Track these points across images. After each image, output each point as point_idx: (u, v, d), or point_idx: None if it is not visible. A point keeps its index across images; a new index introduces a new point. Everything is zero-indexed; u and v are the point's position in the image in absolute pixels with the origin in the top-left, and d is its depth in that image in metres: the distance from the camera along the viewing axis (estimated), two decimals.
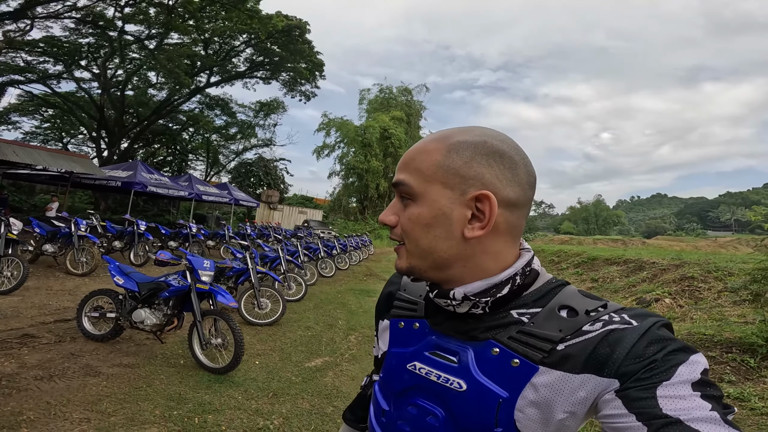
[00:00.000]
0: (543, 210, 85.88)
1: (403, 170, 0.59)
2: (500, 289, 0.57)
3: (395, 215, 0.60)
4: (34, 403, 2.70)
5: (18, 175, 14.98)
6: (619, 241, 34.01)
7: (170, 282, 3.66)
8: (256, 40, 20.32)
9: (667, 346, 0.47)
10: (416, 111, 35.13)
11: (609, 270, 9.66)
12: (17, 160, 10.17)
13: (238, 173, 30.15)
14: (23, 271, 5.35)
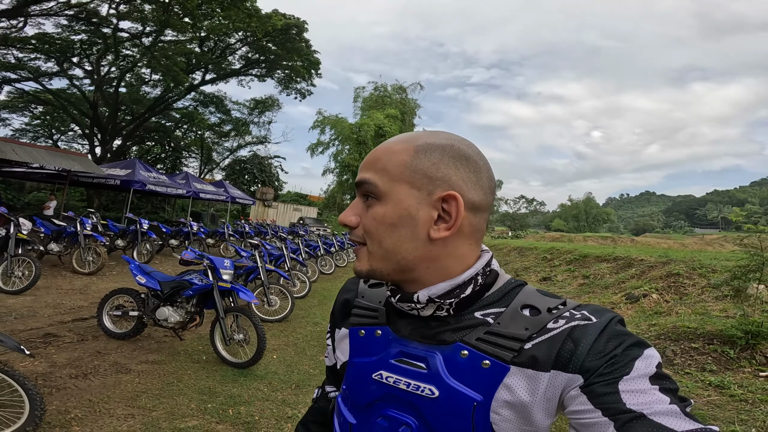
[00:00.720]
0: (534, 207, 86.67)
1: (368, 169, 0.58)
2: (464, 290, 0.57)
3: (356, 215, 0.59)
4: (77, 401, 2.86)
5: (13, 173, 14.84)
6: (609, 239, 34.61)
7: (193, 281, 3.85)
8: (253, 38, 20.30)
9: (624, 341, 0.49)
10: (411, 109, 35.35)
11: (600, 267, 10.00)
12: (17, 158, 10.14)
13: (232, 170, 30.08)
14: (35, 270, 5.46)
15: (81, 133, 25.53)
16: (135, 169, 12.63)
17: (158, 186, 13.20)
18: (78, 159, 11.94)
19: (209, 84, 24.38)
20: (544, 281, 10.75)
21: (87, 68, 20.94)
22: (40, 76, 20.20)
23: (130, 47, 20.35)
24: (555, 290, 9.36)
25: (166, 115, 25.89)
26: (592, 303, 0.56)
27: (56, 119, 25.38)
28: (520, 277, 11.84)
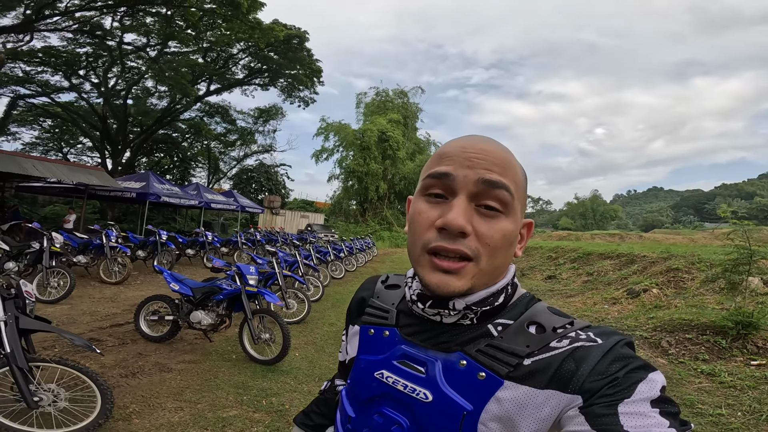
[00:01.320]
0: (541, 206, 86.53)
1: (501, 174, 0.55)
2: (497, 298, 0.58)
3: (470, 224, 0.54)
4: (132, 397, 3.21)
5: (31, 188, 15.38)
6: (617, 236, 34.46)
7: (222, 286, 4.21)
8: (255, 49, 20.82)
9: (629, 364, 0.49)
10: (413, 113, 35.74)
11: (603, 264, 10.23)
12: (37, 173, 10.61)
13: (239, 180, 30.60)
14: (70, 281, 5.85)
15: (90, 146, 26.12)
16: (149, 182, 13.10)
17: (172, 197, 13.66)
18: (95, 173, 12.43)
19: (214, 94, 24.96)
20: (548, 279, 10.99)
21: (94, 81, 21.53)
22: (51, 90, 20.78)
23: (135, 59, 20.90)
24: (559, 288, 9.61)
25: (173, 127, 26.46)
26: (603, 325, 0.58)
27: (66, 132, 25.91)
28: (525, 276, 12.10)
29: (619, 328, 5.59)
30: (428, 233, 0.55)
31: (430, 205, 0.57)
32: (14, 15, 14.65)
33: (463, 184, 0.54)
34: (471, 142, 0.57)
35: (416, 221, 0.57)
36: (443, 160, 0.57)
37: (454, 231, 0.53)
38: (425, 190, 0.58)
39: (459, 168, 0.55)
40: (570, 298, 8.22)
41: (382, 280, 0.74)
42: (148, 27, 18.11)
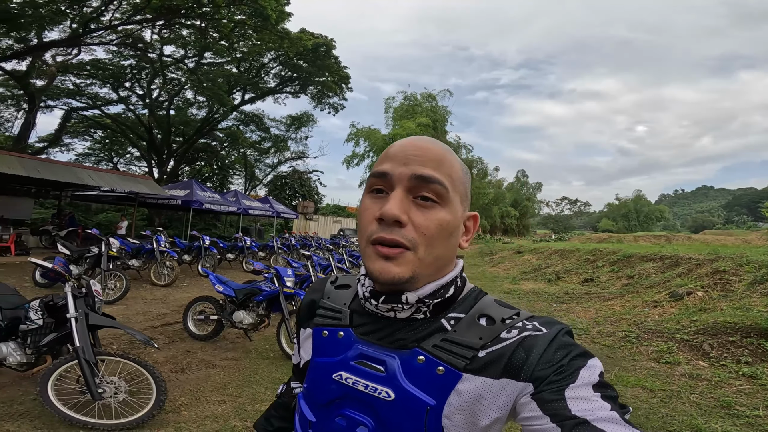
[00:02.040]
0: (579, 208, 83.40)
1: (435, 168, 0.58)
2: (447, 290, 0.60)
3: (405, 213, 0.57)
4: (181, 391, 3.50)
5: (86, 197, 16.61)
6: (663, 237, 32.81)
7: (262, 288, 4.48)
8: (285, 58, 21.53)
9: (571, 352, 0.53)
10: (442, 116, 35.51)
11: (645, 266, 9.82)
12: (93, 183, 11.53)
13: (274, 186, 31.57)
14: (126, 283, 6.36)
15: (138, 155, 27.77)
16: (193, 190, 13.87)
17: (213, 204, 14.39)
18: (144, 182, 13.32)
19: (248, 103, 25.93)
20: (585, 283, 10.68)
21: (139, 92, 22.95)
22: (102, 103, 22.34)
23: (175, 71, 22.11)
24: (597, 291, 9.34)
25: (212, 136, 27.71)
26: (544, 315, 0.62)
27: (115, 143, 27.55)
28: (561, 279, 11.80)
29: (659, 332, 5.44)
30: (371, 226, 0.58)
31: (372, 200, 0.60)
32: (61, 29, 15.91)
33: (399, 180, 0.58)
34: (410, 142, 0.61)
35: (362, 216, 0.61)
36: (384, 161, 0.60)
37: (389, 220, 0.55)
38: (369, 188, 0.61)
39: (396, 166, 0.58)
40: (607, 301, 7.99)
41: (332, 281, 0.74)
42: (185, 39, 19.24)
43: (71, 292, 2.60)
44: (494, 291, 10.66)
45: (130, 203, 15.10)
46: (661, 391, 3.74)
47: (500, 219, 48.02)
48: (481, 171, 43.53)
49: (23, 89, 17.60)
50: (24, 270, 8.29)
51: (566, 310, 7.73)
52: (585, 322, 6.50)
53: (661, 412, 3.33)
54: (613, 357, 4.82)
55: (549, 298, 9.10)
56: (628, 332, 5.57)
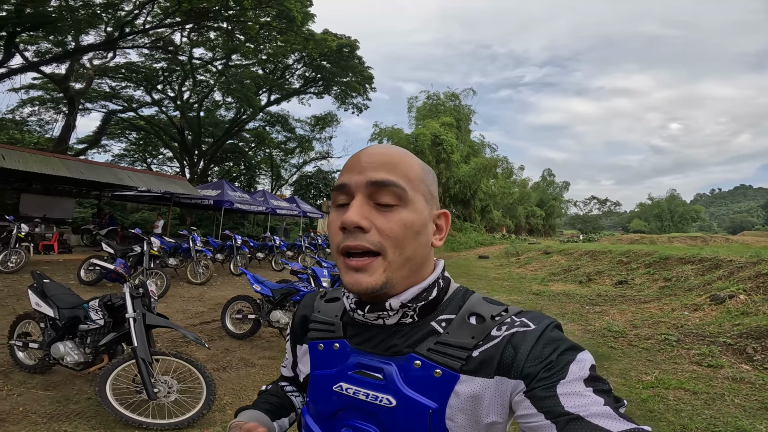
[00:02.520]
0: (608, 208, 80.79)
1: (389, 172, 0.59)
2: (430, 292, 0.61)
3: (367, 219, 0.57)
4: (224, 389, 3.58)
5: (124, 197, 17.32)
6: (699, 239, 31.47)
7: (299, 287, 4.57)
8: (309, 59, 21.82)
9: (559, 347, 0.53)
10: (465, 115, 35.15)
11: (683, 269, 9.54)
12: (132, 183, 12.04)
13: (299, 186, 32.05)
14: (166, 281, 6.61)
15: (170, 156, 28.75)
16: (224, 190, 14.26)
17: (243, 204, 14.75)
18: (179, 182, 13.79)
19: (274, 104, 26.42)
20: (619, 285, 10.39)
21: (171, 95, 23.75)
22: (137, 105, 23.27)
23: (203, 73, 22.79)
24: (632, 293, 9.09)
25: (240, 137, 28.41)
26: (533, 310, 0.62)
27: (149, 144, 28.52)
28: (593, 281, 11.50)
29: (701, 335, 5.30)
30: (337, 237, 0.59)
31: (337, 213, 0.61)
32: (96, 33, 16.60)
33: (357, 188, 0.58)
34: (364, 152, 0.62)
35: (329, 229, 0.61)
36: (342, 174, 0.62)
37: (350, 226, 0.56)
38: (333, 202, 0.63)
39: (352, 176, 0.59)
40: (644, 304, 7.75)
41: (321, 296, 0.75)
42: (213, 42, 19.81)
43: (129, 293, 2.71)
44: (523, 292, 10.50)
45: (164, 203, 15.65)
46: (704, 394, 3.71)
47: (525, 219, 47.17)
48: (505, 170, 42.85)
49: (63, 92, 18.50)
50: (68, 268, 8.72)
51: (600, 312, 7.54)
52: (621, 325, 6.36)
53: (705, 414, 3.34)
54: (652, 360, 4.77)
55: (581, 299, 8.90)
56: (667, 335, 5.47)
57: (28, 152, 10.69)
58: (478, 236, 30.61)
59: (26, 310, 5.17)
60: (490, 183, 35.20)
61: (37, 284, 3.24)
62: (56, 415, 2.85)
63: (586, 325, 6.63)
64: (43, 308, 3.03)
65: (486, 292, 10.82)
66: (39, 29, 14.22)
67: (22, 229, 8.09)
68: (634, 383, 4.09)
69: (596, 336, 5.90)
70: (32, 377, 3.38)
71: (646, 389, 3.92)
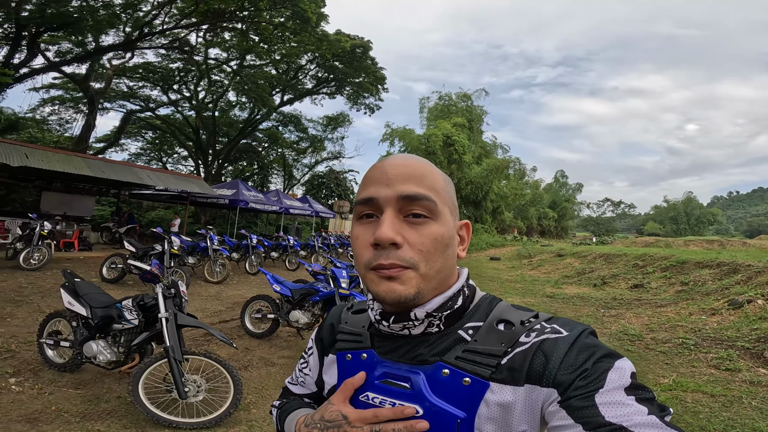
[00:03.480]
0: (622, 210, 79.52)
1: (418, 185, 0.58)
2: (455, 301, 0.60)
3: (400, 234, 0.56)
4: (248, 389, 3.62)
5: (142, 195, 17.65)
6: (716, 242, 30.87)
7: (319, 288, 4.64)
8: (322, 59, 21.95)
9: (594, 354, 0.50)
10: (477, 116, 34.96)
11: (701, 273, 9.41)
12: (150, 182, 12.28)
13: (311, 186, 32.22)
14: (186, 280, 6.73)
15: (185, 155, 29.17)
16: (239, 189, 14.45)
17: (257, 204, 14.92)
18: (196, 182, 14.02)
19: (287, 104, 26.63)
20: (634, 288, 10.27)
21: (186, 95, 24.13)
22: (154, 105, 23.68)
23: (218, 73, 23.11)
24: (648, 297, 9.00)
25: (253, 136, 28.69)
26: (564, 317, 0.60)
27: (164, 143, 28.99)
28: (608, 284, 11.38)
29: (718, 339, 5.28)
30: (366, 252, 0.58)
31: (363, 227, 0.59)
32: (115, 33, 16.94)
33: (387, 202, 0.57)
34: (389, 162, 0.60)
35: (356, 245, 0.60)
36: (367, 186, 0.60)
37: (385, 243, 0.55)
38: (358, 215, 0.61)
39: (380, 189, 0.58)
40: (660, 308, 7.68)
41: (348, 307, 0.75)
42: (228, 42, 20.08)
43: (162, 293, 2.79)
44: (536, 295, 10.44)
45: (180, 202, 15.89)
46: (722, 397, 3.74)
47: (537, 220, 46.78)
48: (518, 171, 42.53)
49: (83, 92, 18.92)
50: (88, 265, 8.93)
51: (615, 316, 7.49)
52: (637, 329, 6.34)
53: (722, 416, 3.37)
54: (670, 363, 4.80)
55: (596, 303, 8.84)
56: (685, 339, 5.48)
57: (51, 151, 10.98)
58: (490, 237, 30.45)
59: (51, 307, 5.35)
60: (501, 184, 34.99)
61: (69, 283, 3.33)
62: (88, 414, 2.91)
63: (602, 328, 6.60)
64: (76, 307, 3.13)
65: (498, 294, 10.78)
66: (61, 29, 14.56)
67: (44, 227, 8.30)
68: (652, 386, 4.11)
69: (612, 339, 5.89)
70: (62, 376, 3.45)
71: (663, 391, 3.94)
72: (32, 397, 3.09)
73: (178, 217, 14.90)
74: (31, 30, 14.01)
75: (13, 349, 3.99)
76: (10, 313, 5.27)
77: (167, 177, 13.19)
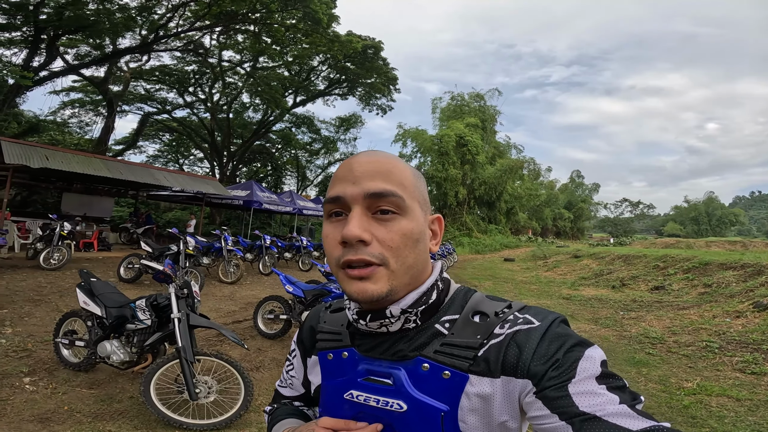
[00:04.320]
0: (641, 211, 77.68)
1: (385, 181, 0.58)
2: (430, 296, 0.60)
3: (368, 231, 0.56)
4: (259, 390, 3.59)
5: (159, 196, 17.95)
6: (738, 243, 30.00)
7: (331, 289, 4.60)
8: (334, 61, 22.00)
9: (565, 343, 0.51)
10: (491, 116, 34.68)
11: (725, 275, 9.19)
12: (167, 184, 12.46)
13: (324, 187, 32.35)
14: (201, 280, 6.79)
15: (201, 157, 29.58)
16: (253, 190, 14.57)
17: (271, 204, 15.02)
18: (211, 183, 14.18)
19: (300, 106, 26.80)
20: (655, 290, 10.02)
21: (201, 97, 24.52)
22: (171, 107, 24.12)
23: (232, 75, 23.39)
24: (669, 299, 8.76)
25: (267, 138, 28.94)
26: (537, 306, 0.60)
27: (181, 145, 29.42)
28: (627, 286, 11.10)
29: (744, 342, 5.14)
30: (336, 250, 0.58)
31: (333, 225, 0.59)
32: (131, 36, 17.29)
33: (354, 200, 0.57)
34: (355, 160, 0.60)
35: (326, 243, 0.60)
36: (335, 185, 0.60)
37: (352, 240, 0.55)
38: (327, 214, 0.61)
39: (347, 187, 0.58)
40: (682, 311, 7.46)
41: (326, 307, 0.75)
42: (241, 44, 20.31)
43: (175, 293, 2.78)
44: (552, 297, 10.24)
45: (195, 203, 16.09)
46: (748, 401, 3.68)
47: (552, 221, 46.09)
48: (532, 171, 42.01)
49: (102, 95, 19.35)
50: (107, 265, 9.08)
51: (635, 318, 7.29)
52: (659, 332, 6.17)
53: (748, 420, 3.31)
54: (694, 367, 4.70)
55: (615, 305, 8.63)
56: (709, 342, 5.35)
57: (71, 153, 11.24)
58: (504, 238, 30.11)
59: (69, 306, 5.42)
60: (516, 184, 34.60)
61: (85, 282, 3.35)
62: (100, 415, 2.91)
63: (621, 330, 6.41)
64: (91, 307, 3.14)
65: (514, 296, 10.60)
66: (78, 32, 14.92)
67: (65, 228, 8.46)
68: (675, 390, 4.02)
69: (632, 342, 5.72)
70: (77, 375, 3.47)
71: (687, 396, 3.85)
72: (45, 397, 3.10)
73: (194, 218, 15.10)
74: (50, 33, 14.37)
75: (30, 348, 4.04)
76: (28, 312, 5.37)
77: (183, 178, 13.37)
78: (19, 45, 15.07)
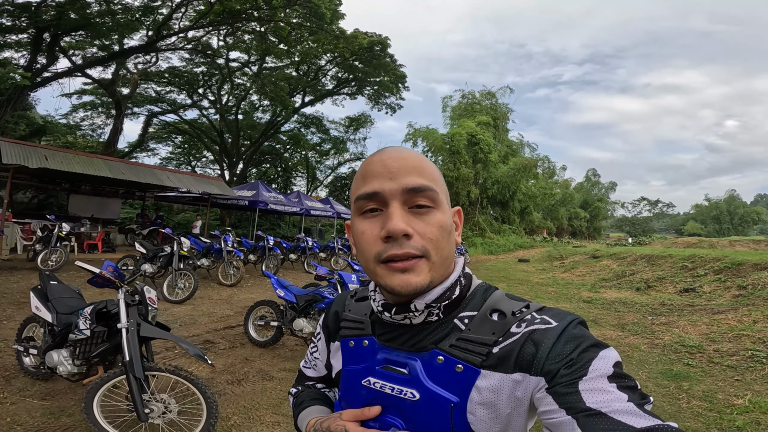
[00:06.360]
0: (660, 210, 75.61)
1: (420, 176, 0.59)
2: (453, 291, 0.61)
3: (410, 226, 0.57)
4: (234, 407, 3.17)
5: (166, 197, 17.83)
6: (762, 242, 28.78)
7: (324, 294, 4.13)
8: (341, 59, 21.68)
9: (581, 344, 0.52)
10: (502, 114, 34.02)
11: (759, 276, 8.52)
12: (170, 184, 12.24)
13: (334, 187, 32.11)
14: (194, 283, 6.40)
15: (212, 159, 29.59)
16: (258, 190, 14.25)
17: (277, 205, 14.68)
18: (216, 183, 13.92)
19: (308, 106, 26.65)
20: (685, 293, 9.31)
21: (210, 98, 24.50)
22: (179, 108, 24.16)
23: (240, 76, 23.29)
24: (701, 303, 8.06)
25: (276, 139, 28.81)
26: (555, 307, 0.58)
27: (192, 147, 29.47)
28: (652, 288, 10.39)
29: None
30: (375, 246, 0.58)
31: (369, 221, 0.60)
32: (138, 38, 17.25)
33: (392, 195, 0.58)
34: (387, 155, 0.61)
35: (362, 240, 0.60)
36: (369, 181, 0.60)
37: (398, 235, 0.56)
38: (360, 210, 0.61)
39: (383, 183, 0.59)
40: (718, 315, 6.79)
41: (351, 295, 0.77)
42: (247, 44, 20.16)
43: (124, 300, 2.35)
44: (572, 300, 9.59)
45: (203, 204, 15.89)
46: None
47: (568, 221, 44.93)
48: (546, 170, 41.05)
49: (110, 96, 19.35)
50: None
51: (666, 324, 6.65)
52: (696, 339, 5.52)
53: None
54: (741, 379, 4.10)
55: (641, 309, 7.97)
56: (754, 351, 4.72)
57: (72, 153, 11.05)
58: (518, 239, 29.33)
59: None
60: (529, 183, 33.79)
61: (42, 285, 2.97)
62: (43, 429, 2.57)
63: (653, 338, 5.78)
64: (42, 312, 2.75)
65: (530, 299, 9.94)
66: (79, 31, 14.85)
67: (63, 228, 8.25)
68: (724, 407, 3.46)
69: (667, 351, 5.08)
70: (33, 384, 3.14)
71: (740, 414, 3.31)
72: None
73: (200, 219, 14.86)
74: (51, 33, 14.33)
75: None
76: (9, 315, 5.05)
77: (187, 179, 13.12)
78: (25, 47, 15.08)
